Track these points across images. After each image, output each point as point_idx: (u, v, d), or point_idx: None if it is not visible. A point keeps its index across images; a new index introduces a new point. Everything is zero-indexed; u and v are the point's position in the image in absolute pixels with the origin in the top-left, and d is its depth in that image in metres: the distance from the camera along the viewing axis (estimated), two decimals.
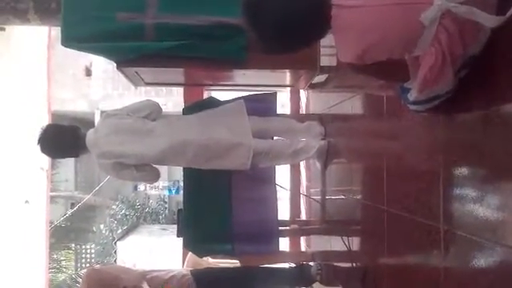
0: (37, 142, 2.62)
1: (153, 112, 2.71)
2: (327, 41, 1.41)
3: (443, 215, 1.42)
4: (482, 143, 1.25)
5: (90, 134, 2.64)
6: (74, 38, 2.56)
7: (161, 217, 11.86)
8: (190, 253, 3.23)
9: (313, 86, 3.27)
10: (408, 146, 1.75)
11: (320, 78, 3.03)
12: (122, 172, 2.67)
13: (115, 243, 10.44)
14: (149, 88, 6.71)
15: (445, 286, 1.43)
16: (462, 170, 1.35)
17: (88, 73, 10.24)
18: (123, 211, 11.62)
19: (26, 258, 7.14)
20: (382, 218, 1.93)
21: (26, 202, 7.15)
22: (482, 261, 1.24)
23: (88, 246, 12.28)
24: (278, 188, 3.12)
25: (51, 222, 10.41)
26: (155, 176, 2.78)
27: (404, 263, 1.82)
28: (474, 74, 1.25)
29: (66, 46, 2.60)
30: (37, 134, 2.65)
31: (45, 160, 6.90)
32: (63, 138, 2.66)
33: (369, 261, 2.22)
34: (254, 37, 1.29)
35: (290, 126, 3.02)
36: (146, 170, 2.71)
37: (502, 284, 1.16)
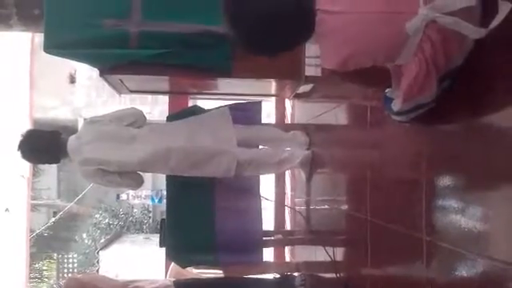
0: (17, 147, 2.58)
1: (137, 120, 2.68)
2: (312, 51, 1.41)
3: (426, 226, 1.42)
4: (465, 154, 1.26)
5: (71, 140, 2.61)
6: (56, 45, 2.53)
7: (145, 226, 11.74)
8: (173, 263, 3.20)
9: (298, 96, 3.28)
10: (391, 157, 1.75)
11: (305, 88, 3.04)
12: (104, 178, 2.64)
13: (98, 253, 10.30)
14: (134, 96, 6.67)
15: None
16: (445, 181, 1.36)
17: (72, 80, 10.14)
18: (106, 220, 11.48)
19: (6, 268, 7.00)
20: (366, 228, 1.92)
21: (6, 210, 7.04)
22: (464, 272, 1.24)
23: (70, 256, 12.10)
24: (262, 198, 3.11)
25: (33, 231, 10.24)
26: (138, 182, 2.75)
27: (387, 274, 1.82)
28: (457, 85, 1.26)
29: (48, 53, 2.57)
30: (17, 140, 2.61)
31: (26, 168, 6.80)
32: (43, 143, 2.61)
33: (352, 271, 2.21)
34: (235, 39, 1.26)
35: (275, 135, 3.02)
36: (129, 177, 2.68)
37: None
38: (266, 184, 3.60)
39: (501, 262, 1.09)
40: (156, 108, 8.74)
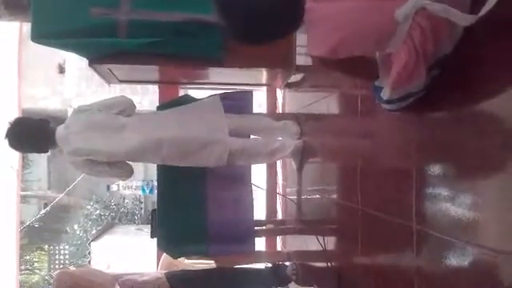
0: (4, 135, 2.54)
1: (126, 109, 2.66)
2: (303, 40, 1.40)
3: (416, 214, 1.43)
4: (455, 142, 1.26)
5: (60, 129, 2.57)
6: (44, 34, 2.50)
7: (136, 217, 11.71)
8: (164, 254, 3.19)
9: (289, 85, 3.27)
10: (382, 146, 1.75)
11: (296, 78, 3.03)
12: (94, 169, 2.62)
13: (89, 244, 10.27)
14: (124, 86, 6.61)
15: (418, 285, 1.43)
16: (435, 169, 1.36)
17: (61, 70, 10.03)
18: (98, 211, 11.43)
19: None
20: (356, 217, 1.93)
21: None
22: (453, 260, 1.25)
23: (62, 247, 12.05)
24: (254, 187, 3.11)
25: (23, 223, 10.19)
26: (128, 172, 2.73)
27: (378, 262, 1.83)
28: (447, 73, 1.26)
29: (36, 42, 2.53)
30: (5, 128, 2.57)
31: (15, 159, 6.74)
32: (31, 131, 2.57)
33: (344, 260, 2.22)
34: (225, 28, 1.26)
35: (267, 124, 3.01)
36: (119, 167, 2.66)
37: (473, 283, 1.17)
38: (258, 174, 3.59)
39: (490, 249, 1.10)
40: (146, 98, 8.67)
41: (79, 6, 2.43)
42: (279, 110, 3.99)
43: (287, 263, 3.11)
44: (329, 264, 2.33)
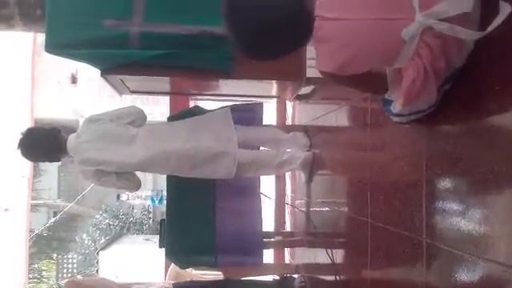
0: (17, 145, 2.57)
1: (137, 119, 2.68)
2: (313, 53, 1.41)
3: (426, 228, 1.42)
4: (465, 156, 1.25)
5: (71, 139, 2.60)
6: (58, 45, 2.53)
7: (145, 227, 11.72)
8: (172, 264, 3.19)
9: (299, 98, 3.28)
10: (392, 159, 1.75)
11: (306, 90, 3.04)
12: (102, 179, 2.64)
13: (98, 253, 10.28)
14: (135, 97, 6.67)
15: None
16: (445, 183, 1.36)
17: (73, 80, 10.14)
18: (106, 221, 11.46)
19: (6, 268, 7.00)
20: (366, 230, 1.92)
21: (6, 209, 7.04)
22: (464, 274, 1.24)
23: (70, 256, 12.08)
24: (262, 199, 3.10)
25: (32, 231, 10.24)
26: (136, 185, 2.75)
27: (387, 276, 1.81)
28: (458, 87, 1.26)
29: (49, 52, 2.57)
30: (18, 139, 2.60)
31: (26, 168, 6.81)
32: (43, 140, 2.60)
33: (352, 274, 2.20)
34: (234, 42, 1.28)
35: (276, 136, 3.02)
36: (127, 178, 2.68)
37: None
38: (267, 185, 3.59)
39: (501, 264, 1.08)
40: (157, 109, 8.72)
41: (93, 18, 2.47)
42: (289, 121, 4.00)
43: (295, 276, 3.09)
44: (337, 277, 2.31)
